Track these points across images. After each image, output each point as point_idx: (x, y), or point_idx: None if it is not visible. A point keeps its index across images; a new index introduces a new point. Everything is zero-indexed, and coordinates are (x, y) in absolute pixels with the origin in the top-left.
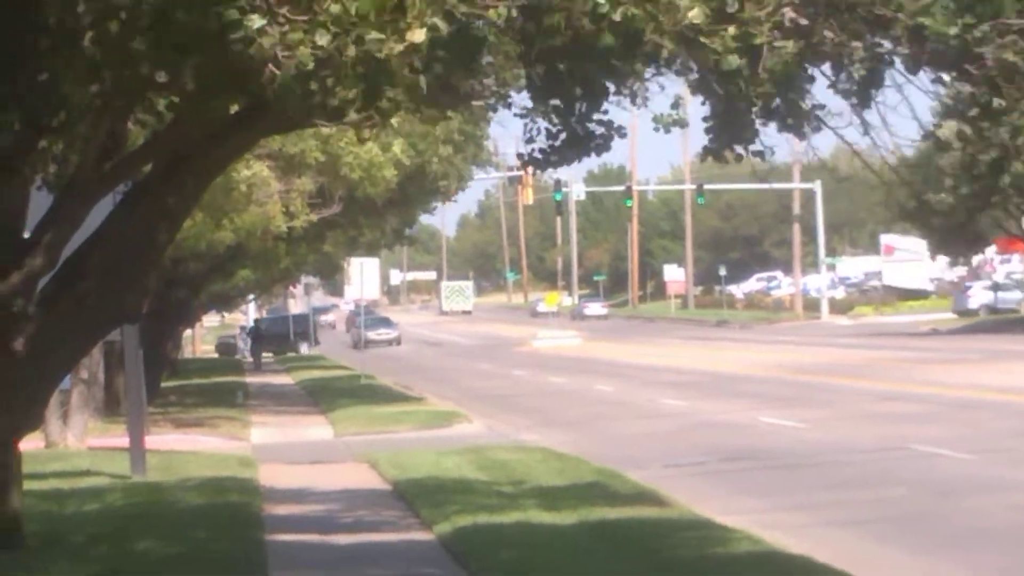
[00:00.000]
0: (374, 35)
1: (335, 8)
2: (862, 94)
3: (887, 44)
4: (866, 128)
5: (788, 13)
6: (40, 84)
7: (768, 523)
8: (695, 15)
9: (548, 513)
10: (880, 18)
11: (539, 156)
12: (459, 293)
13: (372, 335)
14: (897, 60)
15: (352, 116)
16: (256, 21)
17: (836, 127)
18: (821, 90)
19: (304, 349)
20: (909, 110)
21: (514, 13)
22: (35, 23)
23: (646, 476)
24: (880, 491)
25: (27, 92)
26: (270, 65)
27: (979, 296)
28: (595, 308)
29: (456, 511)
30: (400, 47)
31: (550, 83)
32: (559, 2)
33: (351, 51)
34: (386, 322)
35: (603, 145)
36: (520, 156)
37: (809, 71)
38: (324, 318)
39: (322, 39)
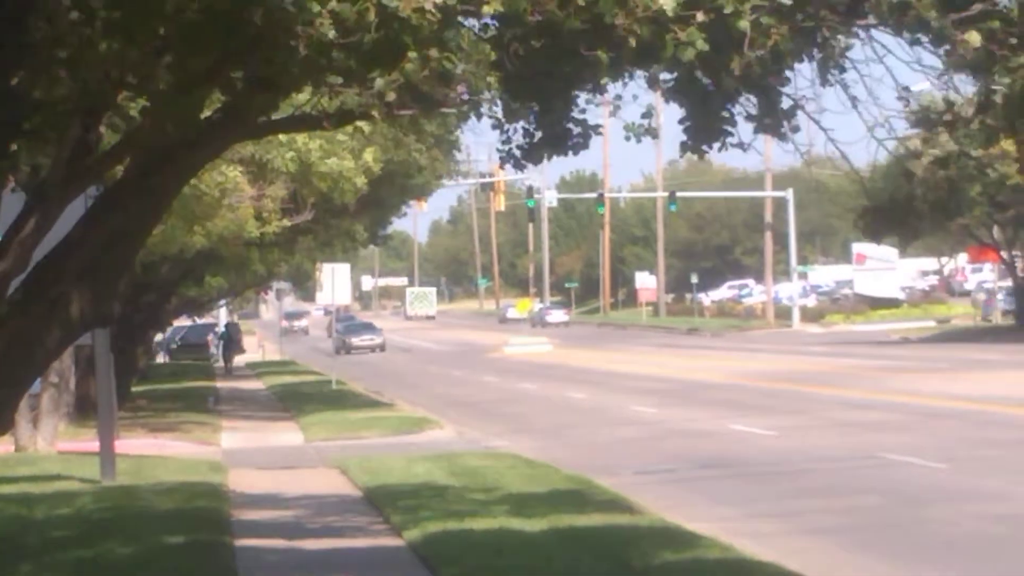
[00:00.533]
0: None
1: None
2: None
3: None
4: (854, 103)
5: None
6: (10, 88)
7: (738, 531)
8: (666, 1)
9: (518, 520)
10: None
11: (517, 153)
12: (423, 299)
13: (355, 340)
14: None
15: (378, 83)
16: None
17: (812, 112)
18: (800, 84)
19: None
20: (892, 80)
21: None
22: (3, 28)
23: (617, 483)
24: (851, 499)
25: None
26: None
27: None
28: (557, 315)
29: (426, 517)
30: (416, 5)
31: (524, 85)
32: None
33: (371, 15)
34: (370, 327)
35: (580, 143)
36: (499, 151)
37: (788, 66)
38: (297, 323)
39: (342, 7)
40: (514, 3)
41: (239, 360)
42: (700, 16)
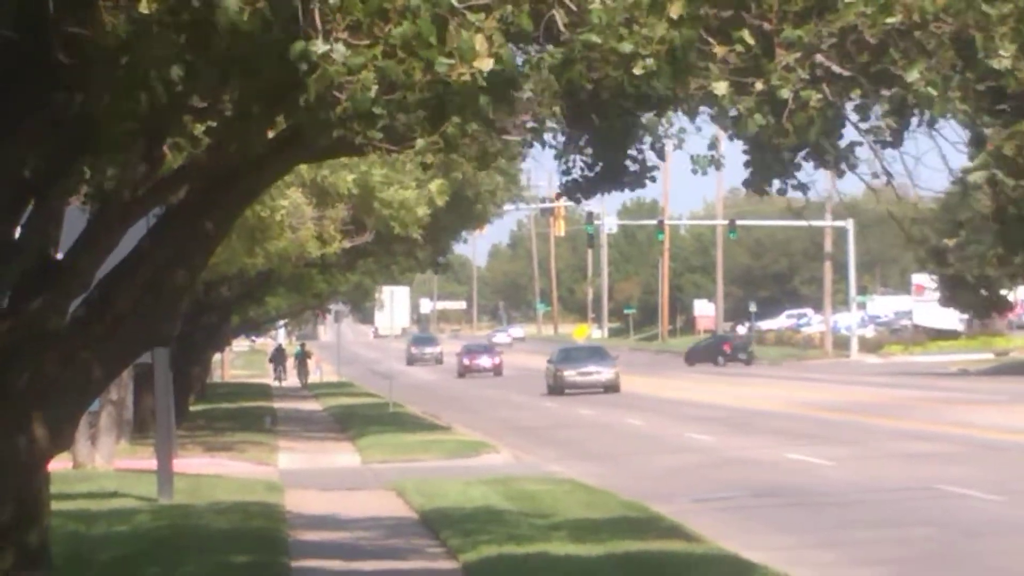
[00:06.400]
0: (444, 60)
1: (398, 31)
2: (895, 135)
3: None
4: (889, 178)
5: (819, 59)
6: (75, 107)
7: (794, 560)
8: (719, 86)
9: (575, 545)
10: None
11: (573, 186)
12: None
13: (573, 376)
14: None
15: (418, 143)
16: (319, 47)
17: (862, 173)
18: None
19: None
20: (939, 156)
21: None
22: (70, 46)
23: (674, 510)
24: (907, 531)
25: (62, 117)
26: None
27: None
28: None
29: (483, 541)
30: (468, 73)
31: (585, 118)
32: (580, 53)
33: (418, 75)
34: (597, 355)
35: (635, 181)
36: (560, 185)
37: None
38: (429, 350)
39: (388, 63)
40: (569, 70)
41: (293, 380)
42: (759, 85)
